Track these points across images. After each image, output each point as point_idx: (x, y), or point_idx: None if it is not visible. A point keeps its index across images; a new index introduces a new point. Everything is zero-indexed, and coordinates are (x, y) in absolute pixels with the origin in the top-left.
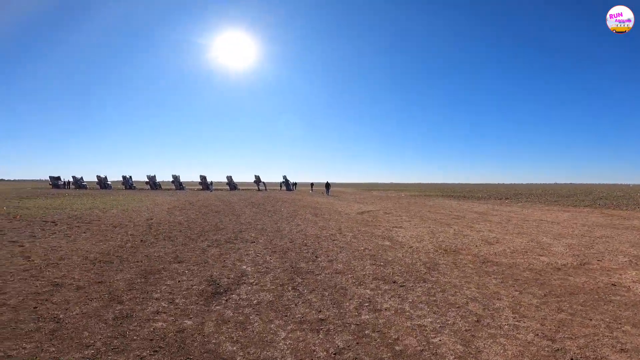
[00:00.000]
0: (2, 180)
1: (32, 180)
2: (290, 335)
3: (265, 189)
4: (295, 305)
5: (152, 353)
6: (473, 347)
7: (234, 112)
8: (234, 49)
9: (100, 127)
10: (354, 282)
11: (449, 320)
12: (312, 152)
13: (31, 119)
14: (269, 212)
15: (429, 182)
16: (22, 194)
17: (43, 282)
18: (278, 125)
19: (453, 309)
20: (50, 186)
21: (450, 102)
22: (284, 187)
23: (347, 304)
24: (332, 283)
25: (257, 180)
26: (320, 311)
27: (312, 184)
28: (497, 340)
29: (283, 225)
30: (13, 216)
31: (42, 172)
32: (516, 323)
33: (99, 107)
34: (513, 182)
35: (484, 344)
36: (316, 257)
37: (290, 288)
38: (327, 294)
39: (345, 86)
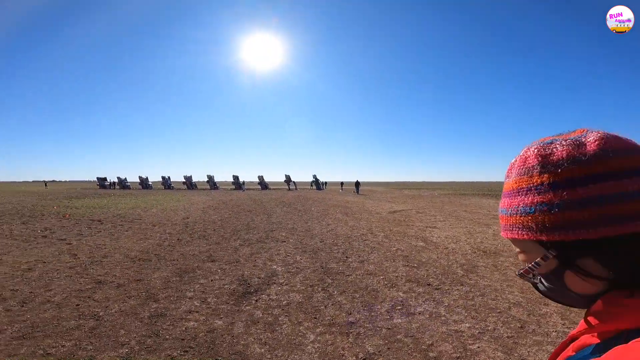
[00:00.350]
0: (54, 181)
1: (82, 181)
2: (319, 338)
3: (296, 188)
4: (325, 307)
5: (182, 353)
6: (516, 354)
7: (264, 113)
8: (263, 51)
9: (141, 130)
10: (386, 284)
11: (489, 326)
12: (342, 151)
13: (82, 124)
14: (300, 212)
15: (464, 180)
16: (72, 194)
17: (87, 279)
18: (308, 125)
19: (494, 314)
20: (98, 186)
21: (486, 96)
22: (314, 187)
23: (379, 306)
24: (363, 284)
25: (288, 179)
26: (350, 314)
27: (342, 183)
28: (544, 347)
29: (313, 225)
30: (63, 215)
31: (90, 174)
32: (565, 330)
33: (139, 111)
34: None
35: (529, 352)
36: (347, 257)
37: (320, 289)
38: (357, 295)
39: (375, 85)
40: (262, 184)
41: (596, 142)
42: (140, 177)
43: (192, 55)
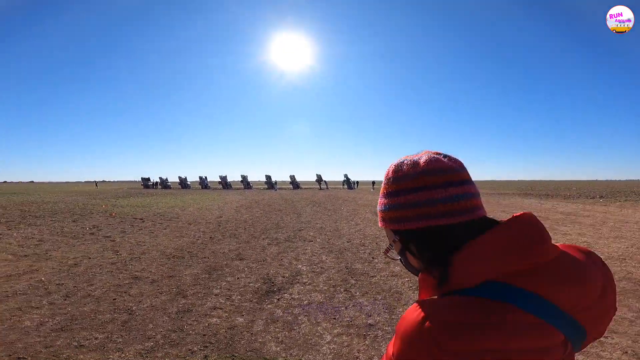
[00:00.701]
0: (104, 181)
1: (128, 181)
2: (335, 339)
3: (327, 188)
4: (345, 308)
5: (202, 348)
6: None
7: (294, 112)
8: (291, 52)
9: (179, 131)
10: (411, 287)
11: None
12: (374, 150)
13: (129, 127)
14: (329, 211)
15: (504, 179)
16: (119, 193)
17: (125, 274)
18: (339, 123)
19: None
20: (142, 186)
21: (530, 89)
22: (345, 186)
23: (401, 309)
24: (386, 286)
25: (319, 179)
26: (370, 316)
27: (373, 182)
28: (575, 358)
29: (342, 225)
30: (109, 214)
31: (135, 174)
32: (602, 339)
33: (178, 114)
34: (609, 179)
35: None
36: (373, 258)
37: (342, 290)
38: (380, 297)
39: (408, 81)
40: (294, 183)
41: (422, 164)
42: (179, 177)
43: (222, 56)
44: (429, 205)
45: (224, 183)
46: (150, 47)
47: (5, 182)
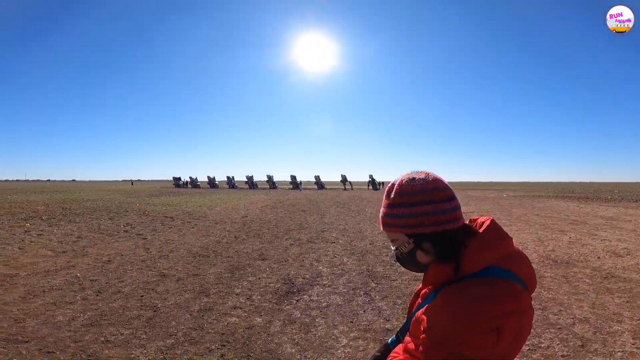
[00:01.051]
0: (139, 180)
1: (161, 180)
2: (351, 342)
3: (352, 188)
4: (364, 311)
5: (219, 347)
6: None
7: (319, 113)
8: (315, 52)
9: (209, 133)
10: None
11: (542, 343)
12: (401, 150)
13: (161, 127)
14: (353, 212)
15: (540, 180)
16: (152, 192)
17: (154, 272)
18: (364, 123)
19: (552, 330)
20: (173, 185)
21: (568, 84)
22: (370, 187)
23: None
24: (408, 290)
25: (344, 179)
26: (388, 320)
27: None
28: None
29: (365, 226)
30: (142, 212)
31: (167, 173)
32: (634, 350)
33: (209, 115)
34: None
35: None
36: (395, 261)
37: (362, 293)
38: (400, 302)
39: (436, 78)
40: (319, 183)
41: (431, 182)
42: (208, 177)
43: (249, 58)
44: (439, 214)
45: (250, 183)
46: (182, 50)
47: (49, 180)
